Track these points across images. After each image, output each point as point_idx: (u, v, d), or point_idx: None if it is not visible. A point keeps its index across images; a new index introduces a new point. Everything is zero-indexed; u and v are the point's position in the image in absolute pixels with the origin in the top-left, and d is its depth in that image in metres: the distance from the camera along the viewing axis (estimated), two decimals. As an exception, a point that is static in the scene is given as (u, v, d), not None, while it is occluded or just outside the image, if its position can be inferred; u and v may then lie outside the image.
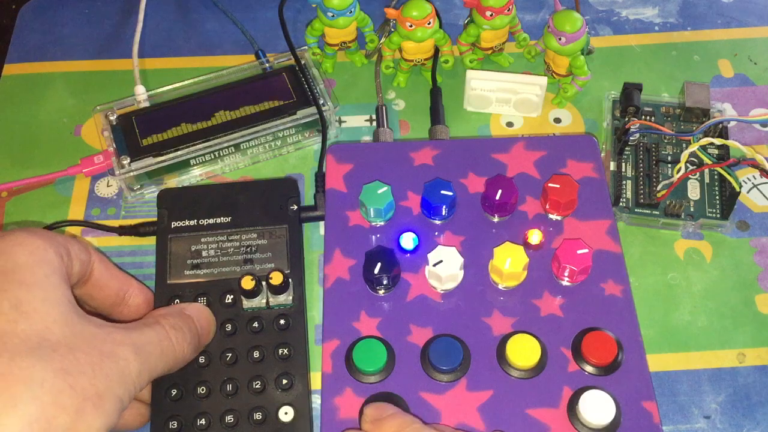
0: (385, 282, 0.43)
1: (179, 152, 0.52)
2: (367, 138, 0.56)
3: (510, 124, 0.56)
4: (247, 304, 0.45)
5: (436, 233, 0.46)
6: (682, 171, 0.50)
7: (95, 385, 0.34)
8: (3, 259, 0.36)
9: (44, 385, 0.32)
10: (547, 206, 0.46)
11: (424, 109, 0.56)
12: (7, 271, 0.35)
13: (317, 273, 0.49)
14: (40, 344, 0.33)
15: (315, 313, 0.48)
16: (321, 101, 0.54)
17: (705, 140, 0.51)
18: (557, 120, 0.56)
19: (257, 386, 0.43)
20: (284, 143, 0.54)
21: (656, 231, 0.51)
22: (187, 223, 0.48)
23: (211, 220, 0.48)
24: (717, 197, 0.51)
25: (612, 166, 0.52)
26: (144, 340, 0.38)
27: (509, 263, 0.42)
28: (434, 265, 0.43)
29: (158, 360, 0.38)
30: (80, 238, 0.51)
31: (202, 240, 0.48)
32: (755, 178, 0.53)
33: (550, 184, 0.45)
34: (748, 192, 0.52)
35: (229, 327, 0.45)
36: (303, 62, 0.56)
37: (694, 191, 0.51)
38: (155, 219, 0.49)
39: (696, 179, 0.51)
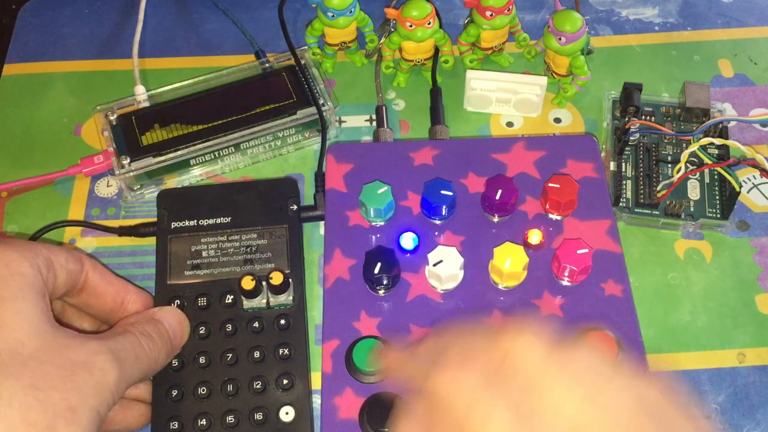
0: (385, 282, 0.43)
1: (179, 152, 0.52)
2: (367, 138, 0.56)
3: (510, 124, 0.56)
4: (247, 304, 0.45)
5: (436, 233, 0.46)
6: (682, 171, 0.50)
7: (67, 399, 0.33)
8: None
9: (12, 403, 0.32)
10: (547, 206, 0.46)
11: (424, 109, 0.56)
12: None
13: (317, 273, 0.49)
14: (11, 359, 0.33)
15: (315, 313, 0.48)
16: (321, 101, 0.54)
17: (705, 140, 0.51)
18: (557, 120, 0.56)
19: (258, 386, 0.43)
20: (284, 143, 0.54)
21: (656, 231, 0.51)
22: (187, 223, 0.48)
23: (211, 221, 0.48)
24: (717, 197, 0.51)
25: (612, 166, 0.52)
26: (119, 346, 0.37)
27: (509, 263, 0.42)
28: (434, 265, 0.43)
29: (134, 367, 0.38)
30: (72, 247, 0.50)
31: (202, 240, 0.48)
32: (755, 178, 0.53)
33: (550, 184, 0.45)
34: (748, 192, 0.52)
35: (229, 327, 0.45)
36: (303, 62, 0.56)
37: (694, 191, 0.51)
38: (155, 219, 0.49)
39: (696, 179, 0.51)
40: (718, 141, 0.51)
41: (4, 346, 0.33)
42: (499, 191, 0.45)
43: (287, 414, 0.42)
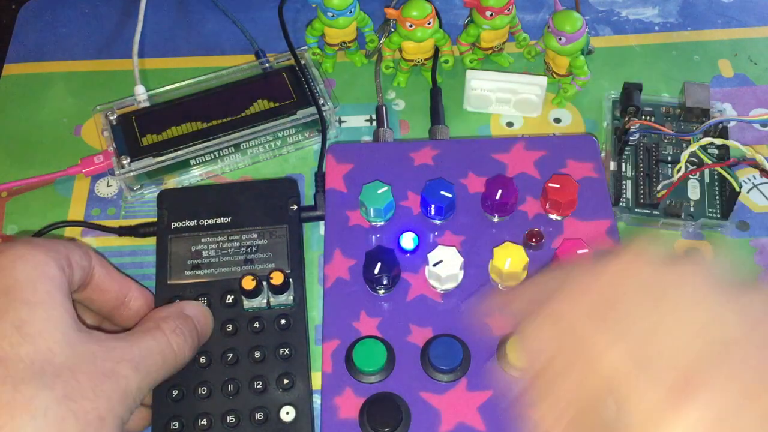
0: (385, 282, 0.43)
1: (179, 152, 0.52)
2: (367, 138, 0.56)
3: (510, 124, 0.56)
4: (247, 304, 0.45)
5: (436, 233, 0.46)
6: (682, 171, 0.50)
7: (97, 408, 0.34)
8: (4, 276, 0.35)
9: (48, 413, 0.32)
10: (547, 206, 0.46)
11: (424, 109, 0.56)
12: (9, 289, 0.34)
13: (317, 273, 0.49)
14: (43, 368, 0.33)
15: (315, 313, 0.48)
16: (321, 101, 0.54)
17: (705, 140, 0.51)
18: (557, 120, 0.56)
19: (258, 386, 0.43)
20: (284, 143, 0.54)
21: (656, 231, 0.51)
22: (187, 223, 0.48)
23: (211, 221, 0.48)
24: (717, 197, 0.51)
25: (612, 166, 0.52)
26: (144, 352, 0.37)
27: (509, 263, 0.42)
28: (434, 265, 0.43)
29: (159, 369, 0.38)
30: (80, 242, 0.50)
31: (203, 240, 0.48)
32: (755, 178, 0.53)
33: (550, 184, 0.45)
34: (748, 192, 0.53)
35: (229, 327, 0.45)
36: (303, 62, 0.56)
37: (694, 191, 0.51)
38: (155, 219, 0.49)
39: (696, 179, 0.51)
40: (718, 141, 0.51)
41: (36, 356, 0.33)
42: (499, 191, 0.45)
43: (288, 414, 0.42)
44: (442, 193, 0.45)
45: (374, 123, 0.56)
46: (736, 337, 0.27)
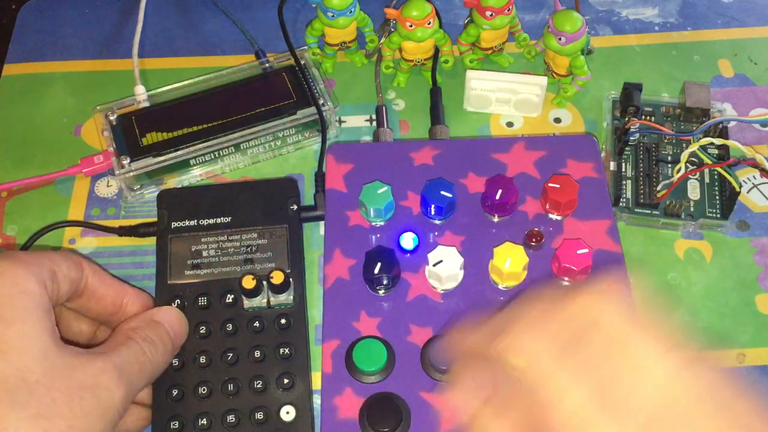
0: (385, 282, 0.43)
1: (179, 152, 0.52)
2: (367, 138, 0.56)
3: (510, 124, 0.56)
4: (247, 303, 0.45)
5: (436, 233, 0.46)
6: (682, 171, 0.50)
7: (73, 427, 0.33)
8: None
9: None
10: (547, 206, 0.46)
11: (424, 109, 0.56)
12: None
13: (317, 273, 0.49)
14: (18, 386, 0.33)
15: (315, 313, 0.48)
16: (321, 101, 0.54)
17: (705, 140, 0.51)
18: (557, 120, 0.56)
19: (258, 386, 0.43)
20: (284, 143, 0.54)
21: (656, 231, 0.51)
22: (187, 223, 0.48)
23: (211, 220, 0.48)
24: (717, 197, 0.51)
25: (612, 166, 0.52)
26: (123, 361, 0.37)
27: (509, 263, 0.42)
28: (434, 265, 0.43)
29: (138, 378, 0.38)
30: (71, 252, 0.50)
31: (203, 240, 0.48)
32: (755, 178, 0.53)
33: (550, 184, 0.45)
34: (748, 192, 0.53)
35: (230, 327, 0.45)
36: (303, 62, 0.56)
37: (694, 191, 0.51)
38: (155, 219, 0.49)
39: (696, 179, 0.51)
40: (718, 141, 0.51)
41: (10, 373, 0.33)
42: (499, 191, 0.45)
43: (288, 413, 0.42)
44: (442, 193, 0.45)
45: (374, 123, 0.56)
46: (690, 399, 0.27)
